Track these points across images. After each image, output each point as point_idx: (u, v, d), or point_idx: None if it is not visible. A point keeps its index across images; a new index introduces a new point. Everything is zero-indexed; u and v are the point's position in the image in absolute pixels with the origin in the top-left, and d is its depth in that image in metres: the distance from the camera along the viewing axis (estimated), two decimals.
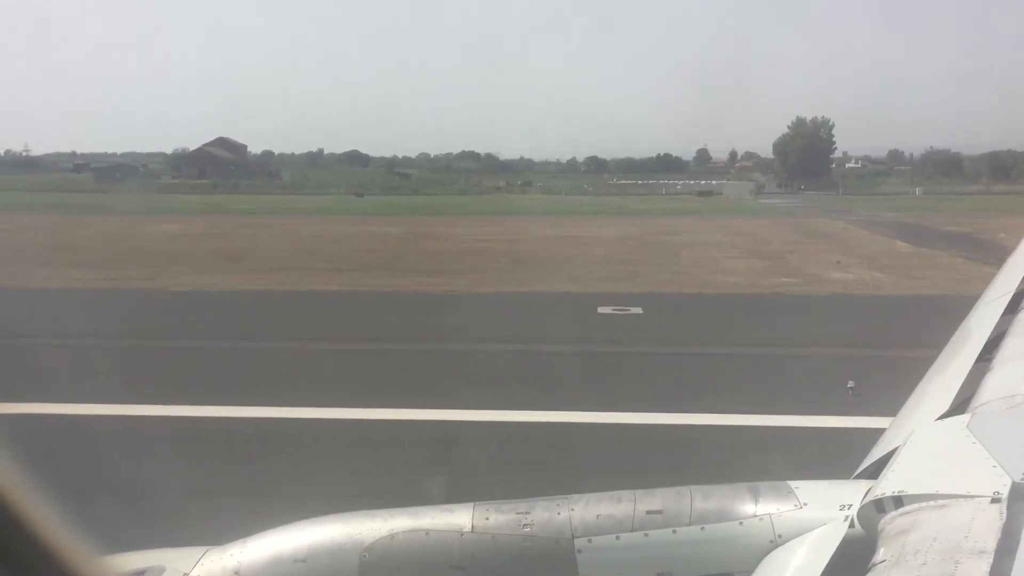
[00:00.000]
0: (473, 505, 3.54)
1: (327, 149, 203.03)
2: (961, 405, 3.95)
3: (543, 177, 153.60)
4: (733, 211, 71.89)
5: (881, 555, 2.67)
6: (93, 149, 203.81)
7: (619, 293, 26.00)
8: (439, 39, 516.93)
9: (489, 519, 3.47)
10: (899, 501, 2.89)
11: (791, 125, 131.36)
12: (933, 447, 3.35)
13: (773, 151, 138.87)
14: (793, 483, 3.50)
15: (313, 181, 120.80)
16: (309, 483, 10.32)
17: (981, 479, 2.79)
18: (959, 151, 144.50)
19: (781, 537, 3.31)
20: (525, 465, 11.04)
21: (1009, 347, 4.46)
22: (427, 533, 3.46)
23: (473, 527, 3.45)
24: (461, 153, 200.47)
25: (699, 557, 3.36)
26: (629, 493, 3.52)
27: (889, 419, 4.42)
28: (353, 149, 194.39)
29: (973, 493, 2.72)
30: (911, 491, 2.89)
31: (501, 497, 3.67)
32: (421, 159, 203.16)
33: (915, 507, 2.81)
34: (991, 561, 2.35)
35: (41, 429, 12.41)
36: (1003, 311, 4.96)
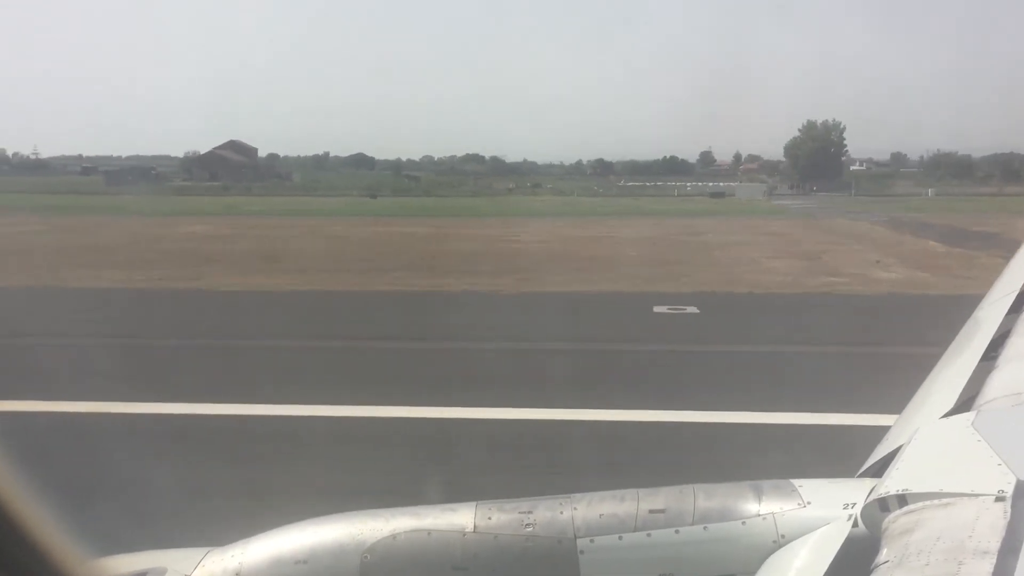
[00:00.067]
0: (476, 504, 3.52)
1: (332, 152, 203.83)
2: (966, 403, 3.89)
3: (550, 179, 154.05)
4: (750, 212, 72.09)
5: (884, 555, 2.63)
6: (99, 152, 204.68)
7: (669, 293, 25.90)
8: (442, 43, 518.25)
9: (492, 519, 3.44)
10: (903, 499, 2.86)
11: (802, 128, 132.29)
12: (938, 445, 3.32)
13: (784, 153, 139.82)
14: (796, 481, 3.46)
15: (323, 183, 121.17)
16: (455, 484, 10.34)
17: (986, 477, 2.76)
18: (965, 154, 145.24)
19: (784, 537, 3.27)
20: (631, 467, 10.81)
21: (1014, 345, 4.41)
22: (429, 533, 3.43)
23: (475, 527, 3.42)
24: (466, 156, 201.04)
25: (702, 558, 3.32)
26: (632, 492, 3.48)
27: (895, 416, 4.39)
28: (359, 152, 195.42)
29: (977, 491, 2.69)
30: (915, 489, 2.86)
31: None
32: (425, 161, 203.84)
33: (919, 506, 2.79)
34: (994, 561, 2.33)
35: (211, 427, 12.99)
36: (1008, 309, 4.89)
